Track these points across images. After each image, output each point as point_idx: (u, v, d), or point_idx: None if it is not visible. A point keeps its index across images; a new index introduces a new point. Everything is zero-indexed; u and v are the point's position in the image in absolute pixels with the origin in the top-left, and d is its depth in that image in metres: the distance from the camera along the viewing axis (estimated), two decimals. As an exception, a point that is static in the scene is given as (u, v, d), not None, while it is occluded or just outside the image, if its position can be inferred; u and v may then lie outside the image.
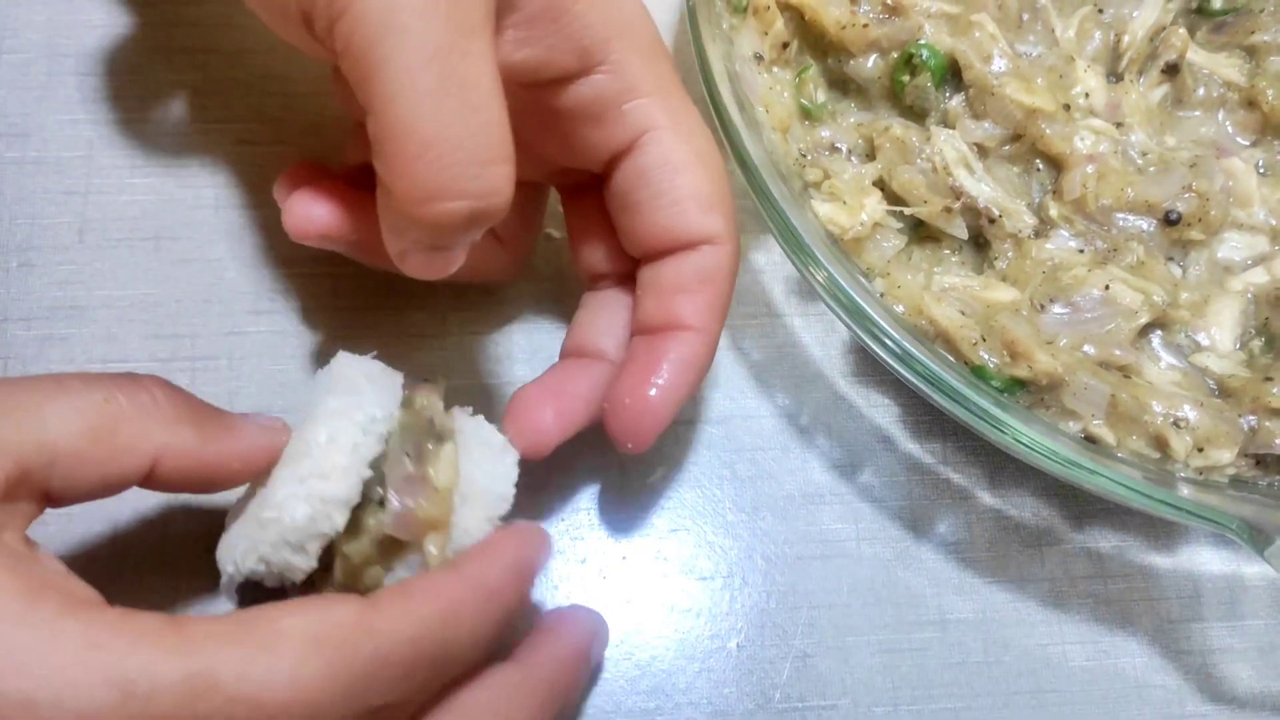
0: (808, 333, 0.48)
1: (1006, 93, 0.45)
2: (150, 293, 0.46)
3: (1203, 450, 0.41)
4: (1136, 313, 0.43)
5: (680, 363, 0.38)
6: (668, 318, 0.39)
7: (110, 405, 0.31)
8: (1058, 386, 0.41)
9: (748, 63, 0.46)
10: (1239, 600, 0.45)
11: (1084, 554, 0.45)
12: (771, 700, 0.42)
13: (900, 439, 0.46)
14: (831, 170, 0.46)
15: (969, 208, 0.45)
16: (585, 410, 0.39)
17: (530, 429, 0.38)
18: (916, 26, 0.46)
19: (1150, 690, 0.43)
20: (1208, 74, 0.48)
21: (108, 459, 0.31)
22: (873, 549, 0.44)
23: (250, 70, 0.50)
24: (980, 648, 0.43)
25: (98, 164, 0.48)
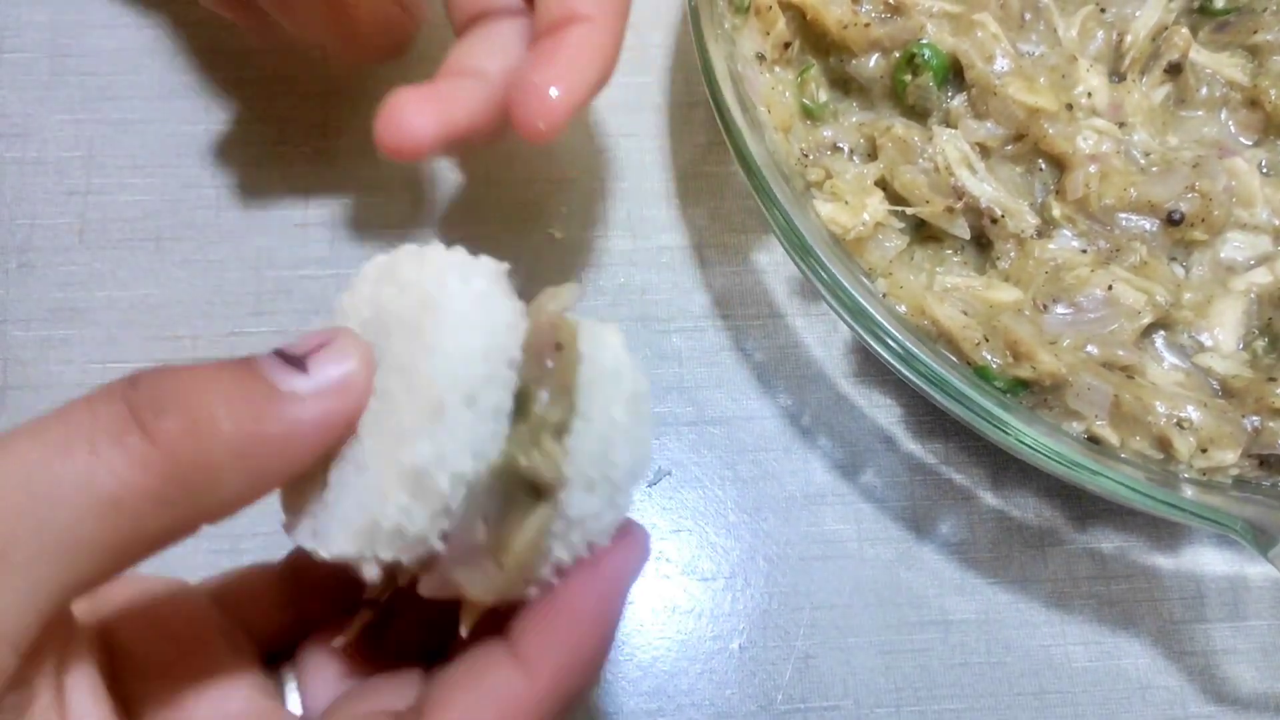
0: (810, 333, 0.48)
1: (1009, 92, 0.45)
2: (151, 294, 0.46)
3: (1206, 451, 0.41)
4: (1139, 313, 0.43)
5: (585, 46, 0.36)
6: (566, 11, 0.37)
7: (125, 506, 0.23)
8: (1061, 387, 0.41)
9: (750, 63, 0.46)
10: (1242, 601, 0.45)
11: (1087, 554, 0.45)
12: (774, 702, 0.42)
13: (902, 439, 0.46)
14: (833, 170, 0.46)
15: (971, 208, 0.45)
16: (465, 114, 0.37)
17: (404, 125, 0.36)
18: (918, 26, 0.46)
19: (1153, 691, 0.43)
20: (1210, 73, 0.48)
21: (136, 559, 0.24)
22: (875, 550, 0.44)
23: (254, 70, 0.50)
24: (983, 649, 0.43)
25: (98, 164, 0.48)
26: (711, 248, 0.49)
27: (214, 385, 0.24)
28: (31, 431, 0.23)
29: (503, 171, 0.49)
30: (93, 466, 0.22)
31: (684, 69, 0.52)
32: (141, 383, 0.23)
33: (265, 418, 0.24)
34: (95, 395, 0.23)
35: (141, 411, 0.23)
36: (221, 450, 0.23)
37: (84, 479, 0.22)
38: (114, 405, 0.23)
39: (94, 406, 0.23)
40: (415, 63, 0.44)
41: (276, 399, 0.24)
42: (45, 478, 0.22)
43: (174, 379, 0.23)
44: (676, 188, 0.50)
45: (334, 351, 0.25)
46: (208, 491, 0.23)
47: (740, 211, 0.49)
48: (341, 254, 0.47)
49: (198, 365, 0.24)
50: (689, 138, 0.51)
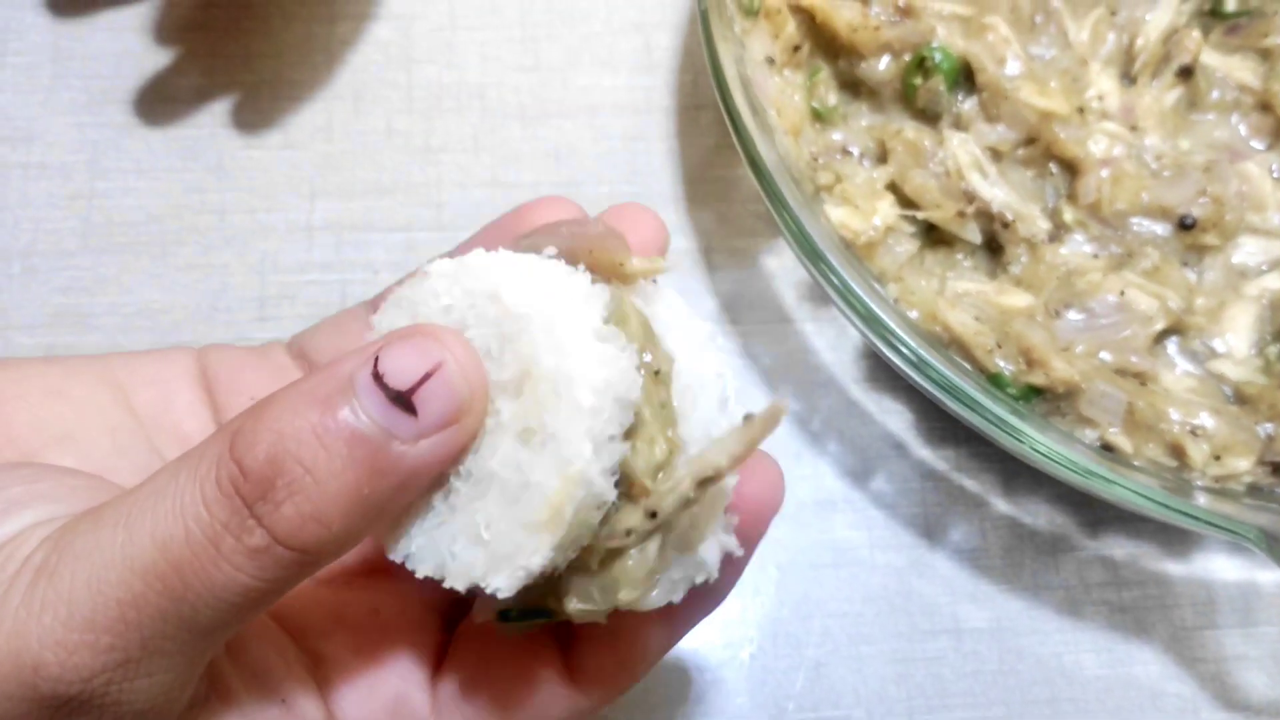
0: (819, 338, 0.47)
1: (1020, 95, 0.45)
2: (155, 299, 0.46)
3: (1220, 458, 0.40)
4: (1152, 319, 0.42)
5: None
6: None
7: (261, 593, 0.24)
8: (1074, 394, 0.40)
9: (759, 65, 0.45)
10: (1253, 607, 0.45)
11: (1098, 561, 0.45)
12: (785, 710, 0.42)
13: (913, 445, 0.46)
14: (843, 174, 0.45)
15: (982, 212, 0.44)
16: None
17: None
18: (929, 29, 0.46)
19: (1165, 698, 0.43)
20: (1221, 77, 0.48)
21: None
22: (886, 557, 0.44)
23: (258, 74, 0.50)
24: (995, 656, 0.43)
25: (102, 168, 0.48)
26: (720, 252, 0.48)
27: (324, 453, 0.23)
28: (144, 526, 0.23)
29: (510, 174, 0.49)
30: (224, 571, 0.23)
31: (692, 71, 0.51)
32: (248, 465, 0.23)
33: (380, 476, 0.23)
34: (204, 480, 0.23)
35: (257, 505, 0.23)
36: (340, 517, 0.23)
37: (218, 584, 0.23)
38: (228, 502, 0.23)
39: (207, 501, 0.23)
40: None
41: (388, 455, 0.23)
42: (178, 584, 0.22)
43: (281, 454, 0.23)
44: (684, 191, 0.50)
45: (441, 386, 0.24)
46: (328, 550, 0.24)
47: (749, 215, 0.49)
48: (347, 258, 0.47)
49: (297, 413, 0.23)
50: (697, 140, 0.50)
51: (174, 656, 0.23)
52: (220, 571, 0.23)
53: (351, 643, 0.29)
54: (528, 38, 0.52)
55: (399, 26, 0.51)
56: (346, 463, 0.23)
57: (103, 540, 0.23)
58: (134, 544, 0.23)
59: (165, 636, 0.23)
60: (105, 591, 0.22)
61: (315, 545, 0.23)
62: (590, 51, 0.52)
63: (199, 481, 0.23)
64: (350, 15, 0.51)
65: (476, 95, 0.50)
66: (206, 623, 0.23)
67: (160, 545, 0.23)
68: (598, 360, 0.24)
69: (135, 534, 0.23)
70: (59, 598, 0.23)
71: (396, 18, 0.51)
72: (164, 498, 0.23)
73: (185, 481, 0.23)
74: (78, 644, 0.22)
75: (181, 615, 0.23)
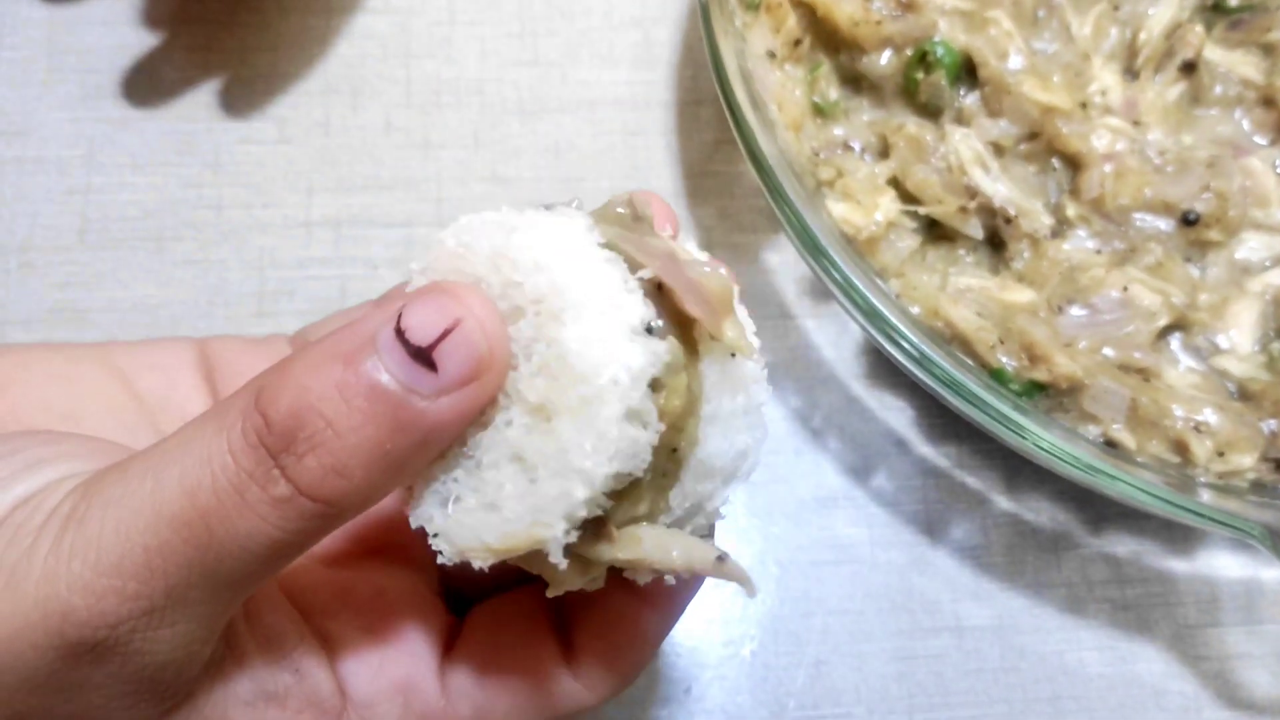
0: (820, 334, 0.47)
1: (1023, 90, 0.45)
2: (152, 294, 0.46)
3: (1223, 455, 0.40)
4: (1155, 314, 0.42)
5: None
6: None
7: (285, 542, 0.24)
8: (1077, 390, 0.40)
9: (760, 60, 0.45)
10: (1257, 605, 0.45)
11: (1101, 559, 0.44)
12: (786, 708, 0.41)
13: (915, 442, 0.46)
14: (845, 169, 0.45)
15: (984, 207, 0.44)
16: None
17: None
18: (931, 23, 0.45)
19: (1168, 696, 0.43)
20: (1225, 72, 0.47)
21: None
22: (888, 554, 0.44)
23: (254, 68, 0.49)
24: (997, 654, 0.43)
25: (99, 163, 0.47)
26: (720, 247, 0.48)
27: (345, 407, 0.23)
28: (172, 475, 0.23)
29: (509, 169, 0.49)
30: (249, 520, 0.23)
31: (692, 66, 0.51)
32: (272, 417, 0.23)
33: (401, 431, 0.23)
34: (230, 430, 0.23)
35: (281, 457, 0.23)
36: (361, 470, 0.23)
37: (242, 533, 0.23)
38: (253, 452, 0.23)
39: (233, 450, 0.23)
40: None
41: (409, 410, 0.23)
42: (203, 531, 0.23)
43: (305, 407, 0.23)
44: (685, 186, 0.49)
45: (463, 342, 0.24)
46: (350, 504, 0.24)
47: (749, 211, 0.49)
48: (345, 254, 0.47)
49: (320, 368, 0.23)
50: (697, 136, 0.50)
51: (197, 607, 0.23)
52: (245, 520, 0.23)
53: (359, 622, 0.29)
54: (527, 32, 0.51)
55: (397, 21, 0.51)
56: (368, 417, 0.23)
57: (130, 488, 0.23)
58: (161, 491, 0.23)
59: (190, 585, 0.23)
60: (133, 538, 0.23)
61: (337, 498, 0.23)
62: (590, 46, 0.51)
63: (225, 431, 0.23)
64: (347, 9, 0.51)
65: (476, 90, 0.50)
66: (230, 574, 0.23)
67: (188, 493, 0.23)
68: (616, 432, 0.24)
69: (163, 482, 0.23)
70: (87, 543, 0.23)
71: (395, 12, 0.51)
72: (191, 448, 0.23)
73: (212, 432, 0.23)
74: (105, 589, 0.22)
75: (206, 564, 0.23)
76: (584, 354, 0.23)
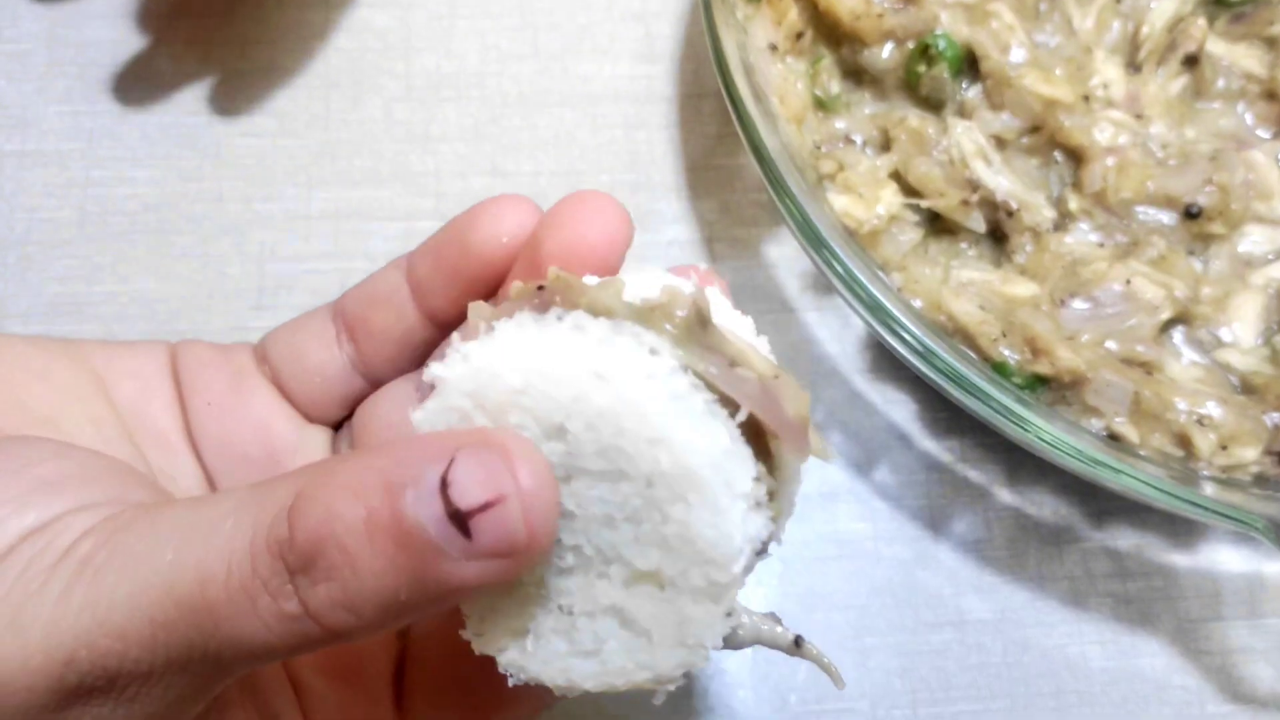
0: (822, 328, 0.47)
1: (1025, 83, 0.44)
2: (151, 288, 0.45)
3: (1226, 448, 0.40)
4: (1158, 308, 0.42)
5: None
6: None
7: (281, 655, 0.25)
8: (1080, 384, 0.40)
9: (762, 53, 0.45)
10: (1259, 599, 0.44)
11: (1104, 552, 0.44)
12: (788, 703, 0.41)
13: (917, 436, 0.46)
14: (846, 162, 0.45)
15: (987, 200, 0.44)
16: None
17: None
18: (932, 16, 0.45)
19: (1170, 690, 0.43)
20: (1227, 65, 0.47)
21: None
22: (891, 549, 0.44)
23: (253, 61, 0.49)
24: (999, 648, 0.43)
25: (98, 156, 0.47)
26: (721, 241, 0.48)
27: (369, 548, 0.22)
28: (191, 556, 0.23)
29: (509, 163, 0.49)
30: (253, 624, 0.23)
31: (694, 59, 0.51)
32: (296, 537, 0.22)
33: (420, 585, 0.23)
34: (257, 531, 0.23)
35: (297, 576, 0.23)
36: (372, 611, 0.23)
37: (245, 634, 0.23)
38: (273, 562, 0.23)
39: (254, 553, 0.23)
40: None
41: (433, 568, 0.22)
42: (209, 621, 0.23)
43: (328, 536, 0.22)
44: (686, 180, 0.49)
45: (502, 521, 0.22)
46: (356, 637, 0.23)
47: (751, 204, 0.49)
48: (345, 248, 0.47)
49: (355, 493, 0.22)
50: (698, 129, 0.50)
51: (193, 678, 0.24)
52: (249, 624, 0.23)
53: (323, 664, 0.30)
54: (527, 26, 0.51)
55: (397, 14, 0.51)
56: (389, 565, 0.22)
57: (152, 556, 0.23)
58: (178, 571, 0.23)
59: (189, 661, 0.23)
60: (142, 609, 0.23)
61: (343, 630, 0.23)
62: (591, 40, 0.51)
63: (254, 529, 0.23)
64: (346, 2, 0.51)
65: (476, 84, 0.50)
66: (228, 661, 0.23)
67: (201, 581, 0.23)
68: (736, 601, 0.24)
69: (182, 560, 0.23)
70: (97, 601, 0.23)
71: (395, 5, 0.51)
72: (218, 532, 0.23)
73: (244, 524, 0.23)
74: (108, 649, 0.23)
75: (207, 651, 0.23)
76: (716, 542, 0.23)
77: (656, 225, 0.48)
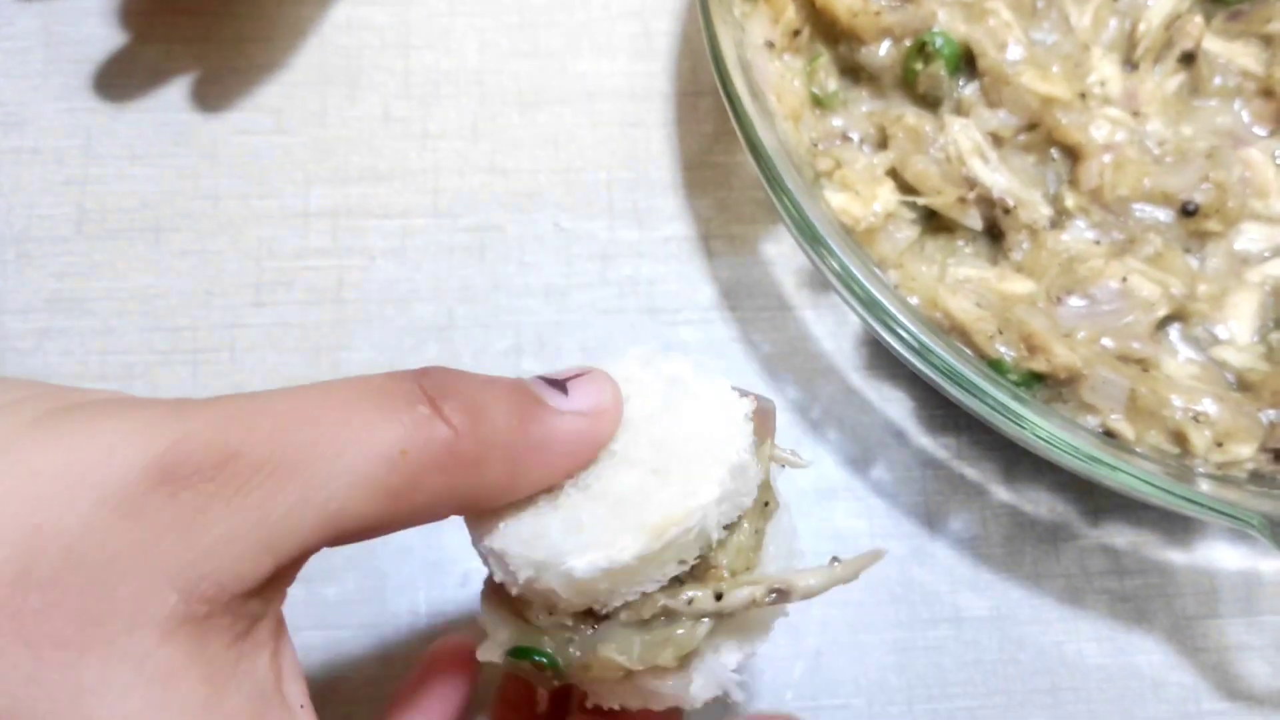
0: (819, 325, 0.47)
1: (1022, 81, 0.44)
2: (150, 284, 0.45)
3: (1222, 445, 0.40)
4: (1154, 305, 0.42)
5: None
6: None
7: (407, 460, 0.24)
8: (1076, 381, 0.40)
9: (759, 50, 0.45)
10: (1255, 596, 0.44)
11: (1100, 550, 0.44)
12: (784, 699, 0.41)
13: (914, 433, 0.46)
14: (843, 160, 0.45)
15: (983, 198, 0.44)
16: None
17: None
18: (930, 13, 0.45)
19: (1166, 687, 0.43)
20: (1224, 63, 0.47)
21: (401, 520, 0.25)
22: (887, 545, 0.44)
23: (251, 59, 0.49)
24: (995, 645, 0.43)
25: (95, 153, 0.47)
26: (719, 238, 0.48)
27: (491, 386, 0.26)
28: (317, 387, 0.25)
29: (508, 160, 0.49)
30: (386, 419, 0.24)
31: (691, 57, 0.51)
32: (430, 373, 0.25)
33: (531, 421, 0.26)
34: (384, 375, 0.25)
35: (431, 392, 0.25)
36: (493, 437, 0.25)
37: (374, 427, 0.24)
38: (405, 383, 0.25)
39: (384, 381, 0.25)
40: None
41: (541, 409, 0.26)
42: (335, 419, 0.24)
43: (458, 376, 0.26)
44: (683, 177, 0.49)
45: (591, 382, 0.28)
46: (474, 473, 0.25)
47: (748, 202, 0.49)
48: (343, 245, 0.47)
49: (476, 374, 0.26)
50: (696, 127, 0.50)
51: (299, 494, 0.23)
52: (382, 420, 0.24)
53: None
54: (526, 23, 0.51)
55: (396, 11, 0.51)
56: (508, 398, 0.26)
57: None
58: (288, 390, 0.25)
59: (302, 466, 0.23)
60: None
61: (471, 441, 0.25)
62: (589, 37, 0.51)
63: (375, 376, 0.25)
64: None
65: (474, 81, 0.50)
66: (348, 469, 0.23)
67: (320, 389, 0.25)
68: (739, 459, 0.27)
69: (293, 389, 0.25)
70: None
71: (393, 2, 0.51)
72: (337, 383, 0.25)
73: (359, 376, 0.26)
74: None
75: (328, 449, 0.23)
76: (705, 418, 0.29)
77: (654, 223, 0.48)
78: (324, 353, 0.45)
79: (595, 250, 0.48)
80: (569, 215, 0.48)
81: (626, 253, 0.48)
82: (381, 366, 0.45)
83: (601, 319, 0.46)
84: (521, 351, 0.46)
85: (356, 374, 0.26)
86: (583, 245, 0.48)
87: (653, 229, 0.48)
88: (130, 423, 0.22)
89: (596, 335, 0.46)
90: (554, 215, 0.48)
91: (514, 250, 0.47)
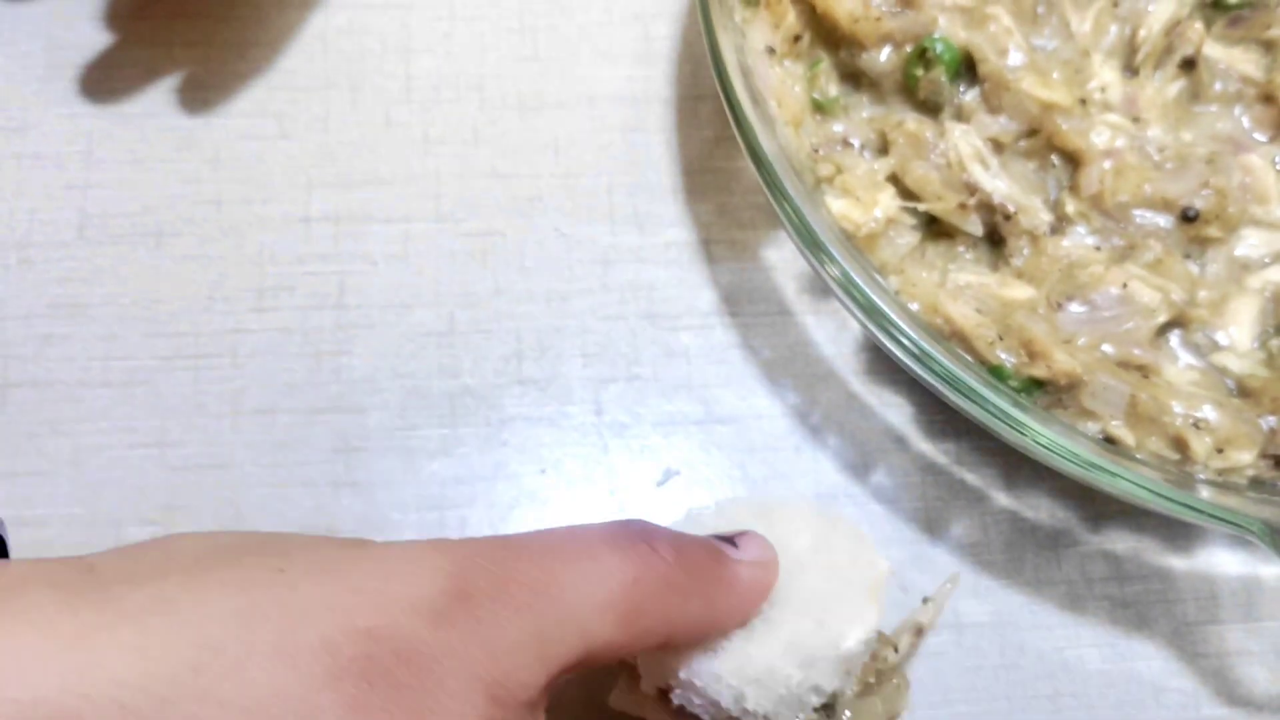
0: (820, 330, 0.47)
1: (1022, 87, 0.45)
2: (152, 290, 0.46)
3: (1222, 451, 0.40)
4: (1155, 311, 0.42)
5: None
6: None
7: (638, 588, 0.28)
8: (1076, 386, 0.40)
9: (760, 56, 0.45)
10: (1256, 602, 0.44)
11: (1100, 556, 0.44)
12: (785, 704, 0.41)
13: (914, 439, 0.46)
14: (844, 165, 0.45)
15: (984, 204, 0.44)
16: None
17: None
18: (930, 19, 0.45)
19: (1167, 694, 0.43)
20: (1224, 68, 0.47)
21: (628, 645, 0.29)
22: (887, 551, 0.44)
23: (252, 64, 0.49)
24: (996, 651, 0.43)
25: (97, 158, 0.47)
26: (719, 244, 0.48)
27: (685, 535, 0.31)
28: (555, 532, 0.29)
29: (508, 165, 0.49)
30: (621, 555, 0.28)
31: (691, 62, 0.51)
32: (637, 522, 0.30)
33: (720, 564, 0.31)
34: (603, 523, 0.30)
35: (644, 536, 0.29)
36: (695, 572, 0.30)
37: (612, 561, 0.28)
38: (625, 528, 0.29)
39: (608, 526, 0.30)
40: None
41: (725, 555, 0.31)
42: (581, 552, 0.28)
43: (657, 526, 0.31)
44: (683, 183, 0.49)
45: (755, 538, 0.32)
46: (682, 603, 0.29)
47: (748, 207, 0.49)
48: (345, 250, 0.47)
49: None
50: (696, 132, 0.50)
51: (547, 648, 0.27)
52: (609, 566, 0.28)
53: None
54: (527, 28, 0.51)
55: (396, 16, 0.51)
56: (701, 547, 0.31)
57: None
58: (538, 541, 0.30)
59: (554, 623, 0.27)
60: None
61: (683, 574, 0.29)
62: (590, 42, 0.51)
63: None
64: (346, 3, 0.51)
65: (475, 86, 0.50)
66: (583, 621, 0.27)
67: (556, 545, 0.29)
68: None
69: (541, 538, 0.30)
70: None
71: (394, 7, 0.51)
72: (565, 533, 0.30)
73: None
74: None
75: (569, 606, 0.27)
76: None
77: (654, 228, 0.48)
78: (325, 358, 0.45)
79: (596, 255, 0.48)
80: (569, 220, 0.48)
81: (627, 258, 0.48)
82: (383, 372, 0.45)
83: (602, 325, 0.47)
84: (522, 357, 0.46)
85: (360, 380, 0.27)
86: (583, 250, 0.48)
87: (653, 234, 0.48)
88: (413, 550, 0.26)
89: (597, 341, 0.46)
90: (555, 220, 0.48)
91: (515, 255, 0.47)
